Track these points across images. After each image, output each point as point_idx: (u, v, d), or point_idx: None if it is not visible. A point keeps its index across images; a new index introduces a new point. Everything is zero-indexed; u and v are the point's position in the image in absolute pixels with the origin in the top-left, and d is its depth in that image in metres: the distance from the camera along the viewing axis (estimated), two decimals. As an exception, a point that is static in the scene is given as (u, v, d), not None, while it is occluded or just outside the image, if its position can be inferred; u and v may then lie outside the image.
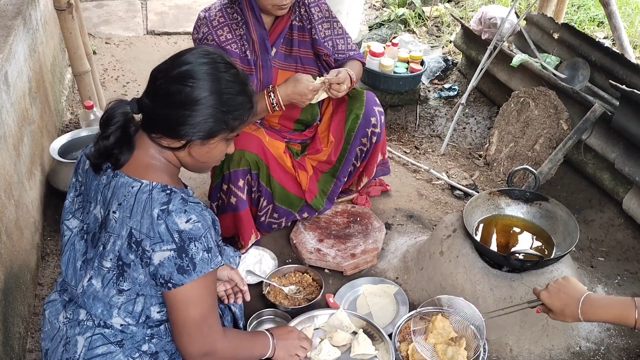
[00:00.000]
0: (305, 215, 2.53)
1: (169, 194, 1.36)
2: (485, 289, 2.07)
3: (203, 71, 1.37)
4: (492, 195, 2.31)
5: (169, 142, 1.42)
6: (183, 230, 1.33)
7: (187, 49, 1.44)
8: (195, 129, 1.38)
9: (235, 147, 2.17)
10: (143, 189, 1.37)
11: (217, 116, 1.39)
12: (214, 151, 1.46)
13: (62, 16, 2.74)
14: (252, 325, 2.10)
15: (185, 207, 1.35)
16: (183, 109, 1.36)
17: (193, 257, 1.34)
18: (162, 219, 1.32)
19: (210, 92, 1.37)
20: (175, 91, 1.36)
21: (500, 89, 3.53)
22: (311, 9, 2.32)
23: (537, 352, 2.07)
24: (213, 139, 1.42)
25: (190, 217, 1.34)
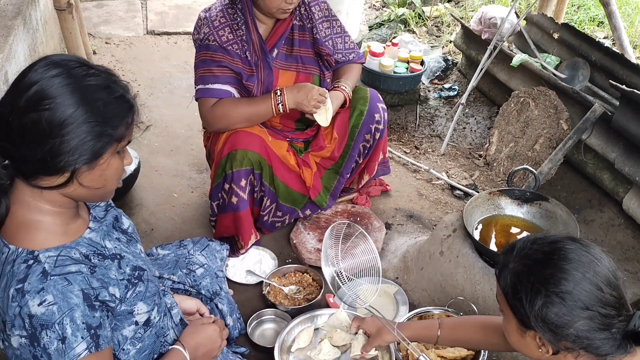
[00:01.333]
0: (308, 213, 2.53)
1: (30, 265, 1.14)
2: (485, 289, 2.07)
3: (57, 85, 1.12)
4: (492, 195, 2.31)
5: (49, 181, 1.16)
6: (34, 314, 1.11)
7: (29, 66, 1.18)
8: (74, 155, 1.13)
9: (238, 147, 2.18)
10: (8, 258, 1.17)
11: (95, 130, 1.14)
12: (107, 171, 1.22)
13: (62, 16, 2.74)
14: (252, 325, 2.11)
15: (43, 284, 1.13)
16: (50, 137, 1.11)
17: (46, 347, 1.12)
18: (16, 301, 1.12)
19: (76, 106, 1.12)
20: (31, 122, 1.10)
21: (500, 89, 3.53)
22: (311, 8, 2.32)
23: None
24: (101, 157, 1.18)
25: (44, 299, 1.12)
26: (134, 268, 1.36)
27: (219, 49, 2.19)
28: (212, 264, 1.96)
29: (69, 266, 1.19)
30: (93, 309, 1.19)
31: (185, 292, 1.91)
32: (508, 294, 1.25)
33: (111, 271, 1.29)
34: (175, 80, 3.75)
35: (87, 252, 1.26)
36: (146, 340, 1.41)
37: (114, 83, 1.20)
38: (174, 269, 1.89)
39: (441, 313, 2.07)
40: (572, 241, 1.21)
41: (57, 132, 1.11)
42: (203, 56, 2.22)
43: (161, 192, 2.78)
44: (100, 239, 1.34)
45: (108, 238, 1.37)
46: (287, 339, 1.97)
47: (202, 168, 2.96)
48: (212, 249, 2.00)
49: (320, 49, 2.35)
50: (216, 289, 1.93)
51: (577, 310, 1.15)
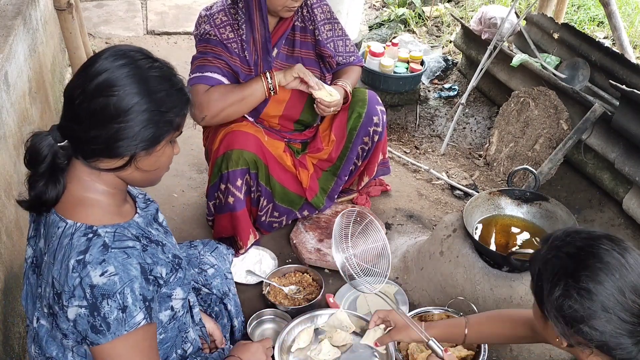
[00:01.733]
0: (306, 214, 2.53)
1: (90, 238, 1.19)
2: (485, 289, 2.07)
3: (124, 74, 1.20)
4: (492, 195, 2.31)
5: (108, 163, 1.24)
6: (96, 285, 1.16)
7: (97, 54, 1.25)
8: (136, 140, 1.21)
9: (234, 147, 2.18)
10: (66, 231, 1.22)
11: (155, 119, 1.23)
12: (162, 157, 1.30)
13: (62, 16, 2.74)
14: (252, 325, 2.11)
15: (104, 256, 1.18)
16: (115, 123, 1.19)
17: (106, 317, 1.17)
18: (77, 271, 1.17)
19: (141, 96, 1.20)
20: (100, 107, 1.18)
21: (500, 89, 3.53)
22: (314, 10, 2.33)
23: (537, 352, 2.07)
24: (159, 144, 1.26)
25: (106, 269, 1.17)
26: (174, 256, 1.42)
27: (219, 44, 2.20)
28: (222, 265, 1.97)
29: (126, 241, 1.24)
30: (148, 282, 1.25)
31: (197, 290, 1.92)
32: (533, 280, 1.26)
33: (158, 252, 1.34)
34: (175, 80, 3.75)
35: (137, 234, 1.31)
36: (169, 332, 1.44)
37: (174, 76, 1.28)
38: None
39: (441, 313, 2.07)
40: (609, 241, 1.19)
41: (122, 118, 1.19)
42: (202, 48, 2.23)
43: (161, 192, 2.78)
44: (145, 225, 1.39)
45: (151, 227, 1.43)
46: (287, 339, 1.97)
47: (202, 168, 2.96)
48: (221, 251, 2.02)
49: (322, 51, 2.35)
50: (226, 289, 1.94)
51: (593, 309, 1.14)
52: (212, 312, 1.89)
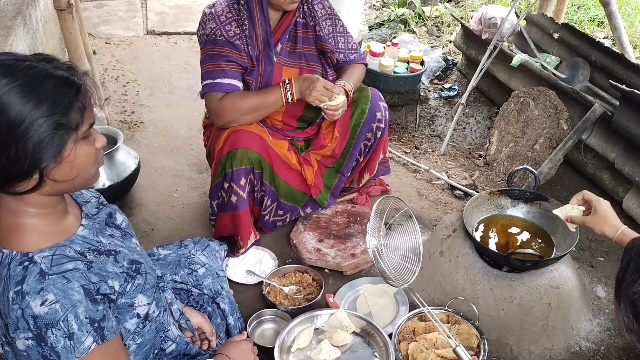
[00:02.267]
0: (309, 211, 2.53)
1: (26, 267, 1.13)
2: (485, 289, 2.07)
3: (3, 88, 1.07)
4: (492, 195, 2.31)
5: (22, 186, 1.14)
6: (38, 315, 1.11)
7: None
8: (35, 155, 1.10)
9: (238, 146, 2.18)
10: (3, 261, 1.15)
11: (47, 124, 1.09)
12: (77, 160, 1.18)
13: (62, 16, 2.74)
14: (252, 325, 2.11)
15: (42, 284, 1.12)
16: (10, 143, 1.08)
17: (54, 346, 1.12)
18: (17, 303, 1.11)
19: (24, 103, 1.08)
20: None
21: (500, 89, 3.53)
22: (314, 6, 2.34)
23: (537, 352, 2.07)
24: (64, 149, 1.14)
25: (45, 298, 1.11)
26: (131, 262, 1.36)
27: (227, 43, 2.19)
28: (213, 263, 1.96)
29: (65, 264, 1.18)
30: (95, 302, 1.19)
31: (188, 292, 1.92)
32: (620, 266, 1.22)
33: (108, 265, 1.29)
34: (175, 80, 3.75)
35: (82, 250, 1.26)
36: (146, 335, 1.41)
37: (55, 69, 1.14)
38: (176, 269, 1.89)
39: (441, 313, 2.07)
40: None
41: (14, 136, 1.08)
42: (210, 51, 2.22)
43: (161, 192, 2.78)
44: (93, 235, 1.33)
45: (102, 235, 1.36)
46: (287, 339, 1.97)
47: (202, 168, 2.96)
48: (212, 249, 2.00)
49: (324, 46, 2.36)
50: (218, 288, 1.93)
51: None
52: (205, 312, 1.88)
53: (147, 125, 3.32)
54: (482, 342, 1.94)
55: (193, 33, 4.36)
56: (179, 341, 1.55)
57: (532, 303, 2.03)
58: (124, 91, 3.65)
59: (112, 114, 3.38)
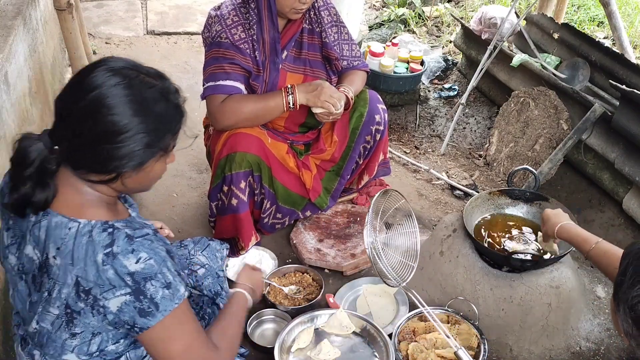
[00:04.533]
0: (308, 214, 2.53)
1: (112, 232, 1.22)
2: (485, 289, 2.07)
3: (119, 93, 1.18)
4: (492, 195, 2.31)
5: (95, 176, 1.25)
6: (134, 271, 1.20)
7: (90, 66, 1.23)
8: (123, 161, 1.22)
9: (237, 149, 2.18)
10: (81, 230, 1.22)
11: (146, 141, 1.22)
12: (150, 174, 1.31)
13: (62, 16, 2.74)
14: (252, 325, 2.11)
15: (132, 245, 1.21)
16: (105, 143, 1.19)
17: (153, 297, 1.21)
18: (107, 264, 1.19)
19: (134, 115, 1.19)
20: (91, 124, 1.18)
21: (500, 89, 3.53)
22: (321, 13, 2.33)
23: (537, 352, 2.07)
24: (147, 164, 1.27)
25: (139, 257, 1.21)
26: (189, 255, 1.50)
27: (231, 46, 2.18)
28: (213, 264, 1.96)
29: (141, 229, 1.27)
30: (173, 259, 1.30)
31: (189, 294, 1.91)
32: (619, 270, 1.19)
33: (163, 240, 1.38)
34: (175, 80, 3.69)
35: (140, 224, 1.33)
36: None
37: (169, 93, 1.27)
38: None
39: (441, 313, 2.07)
40: None
41: (111, 140, 1.19)
42: (214, 54, 2.20)
43: (161, 192, 2.78)
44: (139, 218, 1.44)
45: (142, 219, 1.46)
46: (287, 339, 1.97)
47: (202, 168, 2.96)
48: (213, 248, 2.00)
49: (329, 53, 2.35)
50: (217, 289, 1.93)
51: None
52: (205, 314, 1.87)
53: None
54: (482, 342, 1.94)
55: (193, 33, 4.36)
56: None
57: (532, 303, 2.03)
58: (124, 91, 3.65)
59: (112, 114, 3.38)
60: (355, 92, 2.40)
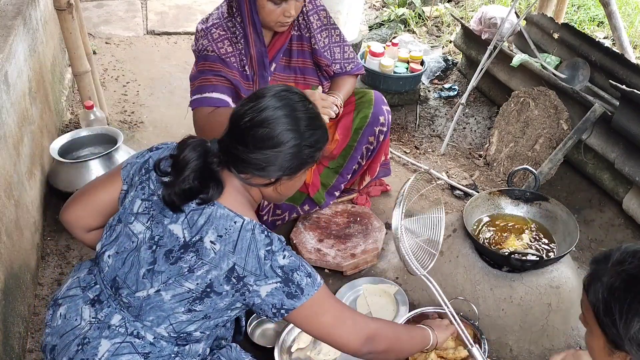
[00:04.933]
0: (307, 208, 2.53)
1: (268, 235, 1.45)
2: (485, 289, 2.07)
3: (283, 114, 1.47)
4: (492, 195, 2.31)
5: (258, 180, 1.50)
6: (283, 265, 1.44)
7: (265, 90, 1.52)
8: (283, 167, 1.48)
9: None
10: (246, 226, 1.43)
11: (302, 152, 1.49)
12: (297, 182, 1.59)
13: (62, 16, 2.74)
14: (252, 325, 2.10)
15: (282, 245, 1.46)
16: (272, 151, 1.45)
17: (299, 283, 1.44)
18: (268, 259, 1.42)
19: (294, 132, 1.47)
20: (263, 136, 1.45)
21: (500, 89, 3.53)
22: (309, 18, 2.28)
23: (537, 352, 2.07)
24: (299, 172, 1.53)
25: (285, 254, 1.45)
26: None
27: (218, 59, 2.15)
28: None
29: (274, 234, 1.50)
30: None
31: None
32: (599, 310, 1.12)
33: None
34: (175, 80, 3.75)
35: None
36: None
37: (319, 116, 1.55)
38: None
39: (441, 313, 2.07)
40: None
41: (278, 148, 1.45)
42: (201, 67, 2.17)
43: (161, 192, 2.78)
44: None
45: None
46: (287, 339, 1.97)
47: (202, 168, 2.96)
48: None
49: (319, 60, 2.32)
50: None
51: None
52: None
53: (147, 125, 3.32)
54: (482, 342, 1.94)
55: (193, 33, 4.35)
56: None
57: (532, 303, 2.03)
58: (124, 91, 3.65)
59: (112, 114, 3.38)
60: (345, 97, 2.37)
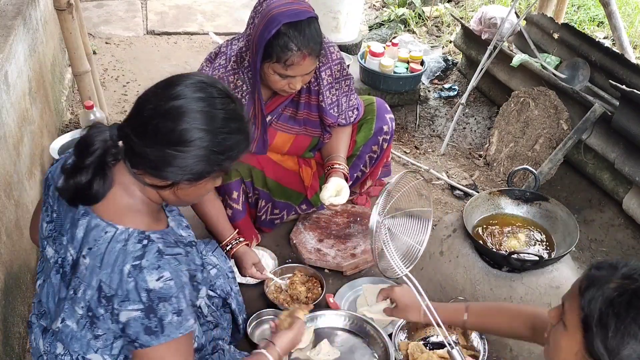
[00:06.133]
0: (304, 207, 2.52)
1: (145, 245, 1.23)
2: (485, 289, 2.07)
3: (198, 108, 1.23)
4: (492, 195, 2.31)
5: (152, 180, 1.28)
6: (152, 289, 1.20)
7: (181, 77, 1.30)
8: (184, 171, 1.25)
9: None
10: (117, 237, 1.23)
11: (210, 158, 1.25)
12: (201, 190, 1.34)
13: (62, 16, 2.73)
14: (252, 325, 2.11)
15: (160, 261, 1.22)
16: (173, 149, 1.23)
17: (162, 318, 1.21)
18: (132, 277, 1.20)
19: (205, 132, 1.23)
20: (166, 129, 1.22)
21: (500, 89, 3.53)
22: (321, 74, 2.17)
23: (537, 352, 2.07)
24: (203, 179, 1.30)
25: (162, 275, 1.21)
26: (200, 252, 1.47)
27: None
28: (223, 264, 1.97)
29: (174, 248, 1.28)
30: (194, 288, 1.31)
31: None
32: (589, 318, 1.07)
33: (195, 258, 1.39)
34: (175, 80, 3.74)
35: (176, 240, 1.34)
36: None
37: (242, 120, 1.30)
38: None
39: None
40: None
41: (181, 147, 1.22)
42: None
43: (161, 192, 2.78)
44: (177, 229, 1.42)
45: (181, 227, 1.45)
46: (287, 339, 1.97)
47: (202, 168, 2.96)
48: (221, 250, 2.02)
49: (324, 118, 2.24)
50: (228, 289, 1.95)
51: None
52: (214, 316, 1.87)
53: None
54: (482, 342, 1.94)
55: (193, 33, 4.36)
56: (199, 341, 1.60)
57: (532, 303, 2.03)
58: (124, 91, 3.65)
59: (112, 114, 3.38)
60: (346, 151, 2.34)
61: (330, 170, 2.24)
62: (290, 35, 1.86)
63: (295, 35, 1.86)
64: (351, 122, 2.36)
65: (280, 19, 1.85)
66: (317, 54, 1.96)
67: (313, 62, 1.97)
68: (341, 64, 2.22)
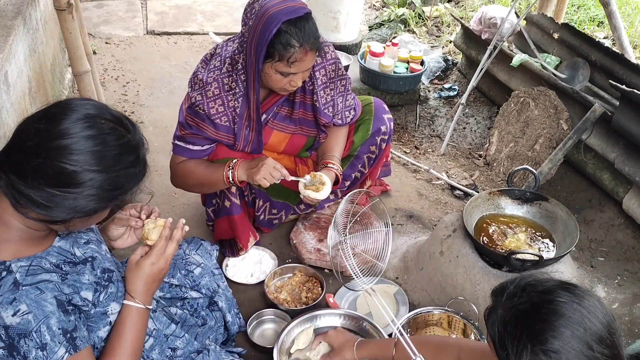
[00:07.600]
0: (303, 207, 2.52)
1: (2, 277, 1.13)
2: (485, 289, 2.07)
3: (88, 148, 1.13)
4: (492, 195, 2.31)
5: (39, 216, 1.16)
6: (10, 325, 1.11)
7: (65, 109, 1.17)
8: (75, 210, 1.16)
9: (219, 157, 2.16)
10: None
11: (102, 196, 1.17)
12: (92, 220, 1.26)
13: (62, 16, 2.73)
14: (252, 325, 2.11)
15: (15, 294, 1.12)
16: (61, 190, 1.12)
17: (26, 356, 1.12)
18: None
19: (97, 173, 1.14)
20: (53, 171, 1.11)
21: (500, 89, 3.53)
22: (315, 73, 2.16)
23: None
24: (95, 215, 1.22)
25: (18, 309, 1.11)
26: (104, 270, 1.37)
27: (206, 118, 2.09)
28: (208, 262, 1.96)
29: (40, 275, 1.18)
30: (67, 313, 1.20)
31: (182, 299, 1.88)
32: (495, 342, 1.17)
33: (84, 276, 1.30)
34: (175, 80, 3.75)
35: (57, 261, 1.26)
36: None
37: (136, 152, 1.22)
38: (172, 272, 1.88)
39: (441, 313, 2.07)
40: (564, 291, 1.13)
41: (71, 188, 1.13)
42: (190, 120, 2.10)
43: (161, 193, 2.78)
44: (69, 246, 1.33)
45: (77, 245, 1.36)
46: (286, 340, 1.97)
47: (202, 168, 2.96)
48: (205, 248, 2.00)
49: (319, 118, 2.24)
50: (215, 286, 1.93)
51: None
52: (199, 317, 1.86)
53: (147, 125, 3.32)
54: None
55: (193, 33, 4.36)
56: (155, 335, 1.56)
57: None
58: (124, 91, 3.65)
59: (112, 114, 3.38)
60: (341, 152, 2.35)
61: (322, 170, 2.24)
62: (291, 32, 1.86)
63: (296, 31, 1.86)
64: (347, 123, 2.35)
65: (279, 17, 1.85)
66: (317, 49, 1.97)
67: (314, 57, 1.98)
68: (336, 64, 2.21)
